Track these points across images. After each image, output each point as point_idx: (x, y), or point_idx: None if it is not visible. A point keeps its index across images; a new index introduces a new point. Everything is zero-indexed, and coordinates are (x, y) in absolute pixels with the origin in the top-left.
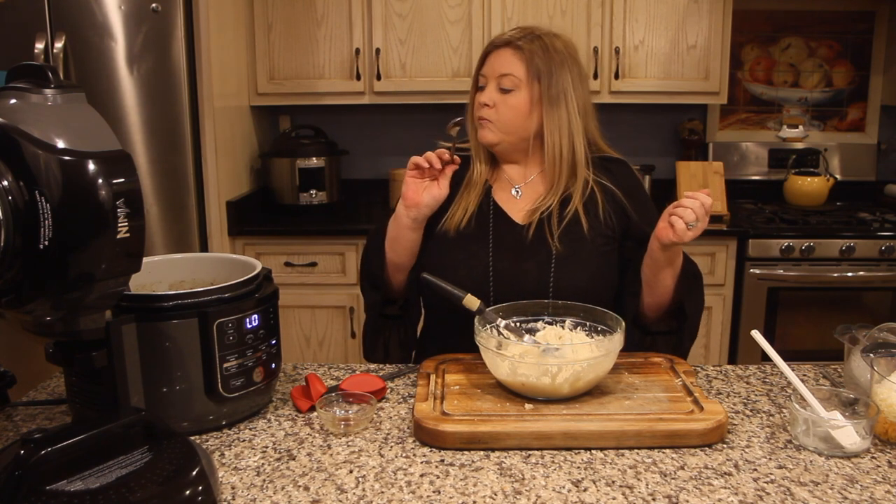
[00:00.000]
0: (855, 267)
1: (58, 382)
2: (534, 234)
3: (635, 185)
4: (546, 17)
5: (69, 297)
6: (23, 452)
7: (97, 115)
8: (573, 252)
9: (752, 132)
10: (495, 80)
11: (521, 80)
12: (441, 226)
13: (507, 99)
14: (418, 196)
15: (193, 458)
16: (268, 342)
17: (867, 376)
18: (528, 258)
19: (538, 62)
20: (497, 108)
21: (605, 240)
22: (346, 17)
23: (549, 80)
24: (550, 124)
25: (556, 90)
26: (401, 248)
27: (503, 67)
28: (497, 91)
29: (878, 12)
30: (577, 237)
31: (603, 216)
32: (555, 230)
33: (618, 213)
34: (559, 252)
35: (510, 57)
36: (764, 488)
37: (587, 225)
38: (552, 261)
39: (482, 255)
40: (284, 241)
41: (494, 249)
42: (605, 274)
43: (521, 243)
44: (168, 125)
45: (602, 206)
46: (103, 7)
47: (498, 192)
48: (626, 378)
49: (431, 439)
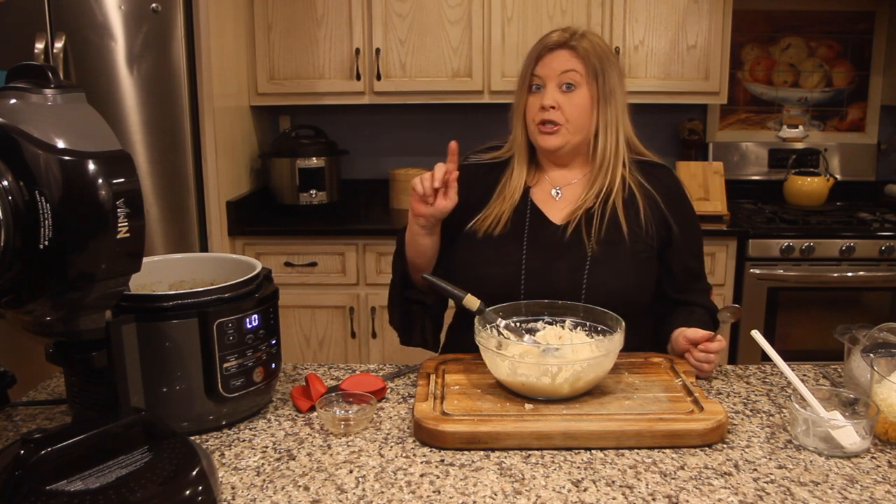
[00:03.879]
0: (855, 267)
1: (58, 382)
2: (571, 235)
3: (676, 193)
4: (546, 17)
5: (69, 297)
6: (23, 452)
7: (97, 115)
8: (609, 255)
9: (752, 132)
10: (556, 80)
11: (583, 77)
12: (471, 227)
13: (571, 98)
14: (423, 207)
15: (193, 458)
16: (268, 342)
17: (867, 376)
18: (561, 258)
19: (593, 60)
20: (562, 108)
21: (644, 246)
22: (346, 17)
23: (603, 77)
24: (604, 121)
25: (609, 87)
26: (414, 252)
27: (564, 65)
28: (559, 91)
29: (878, 12)
30: (615, 241)
31: (644, 223)
32: (594, 232)
33: (658, 222)
34: (595, 254)
35: (569, 56)
36: (764, 488)
37: (627, 229)
38: (587, 262)
39: (515, 253)
40: (284, 241)
41: (528, 248)
42: (640, 280)
43: (556, 243)
44: (168, 125)
45: (644, 211)
46: (103, 7)
47: (537, 193)
48: (626, 378)
49: (431, 439)
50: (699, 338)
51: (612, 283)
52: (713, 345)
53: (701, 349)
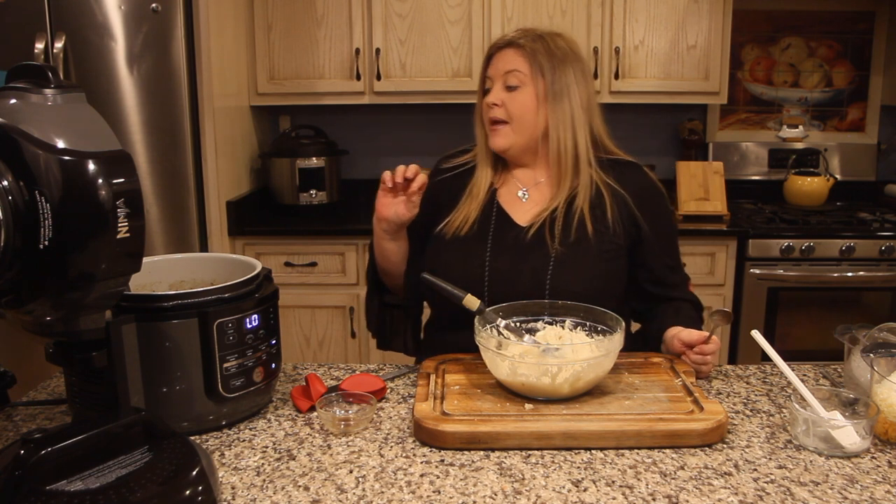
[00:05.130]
0: (855, 267)
1: (58, 382)
2: (534, 236)
3: (648, 190)
4: (546, 17)
5: (69, 297)
6: (23, 452)
7: (97, 115)
8: (574, 256)
9: (752, 132)
10: (501, 79)
11: (526, 76)
12: (440, 229)
13: (514, 96)
14: (384, 210)
15: (193, 458)
16: (268, 342)
17: (867, 376)
18: (525, 259)
19: (541, 59)
20: (506, 106)
21: (611, 246)
22: (346, 17)
23: (552, 76)
24: (554, 120)
25: (560, 86)
26: (381, 256)
27: (507, 65)
28: (504, 90)
29: (878, 12)
30: (580, 241)
31: (612, 222)
32: (557, 232)
33: (627, 221)
34: (558, 255)
35: (513, 55)
36: (764, 488)
37: (592, 229)
38: (550, 263)
39: (480, 255)
40: (284, 241)
41: (493, 249)
42: (607, 280)
43: (520, 244)
44: (168, 125)
45: (611, 210)
46: (103, 7)
47: (504, 195)
48: (626, 378)
49: (431, 439)
50: (694, 340)
51: (576, 283)
52: (708, 346)
53: (696, 352)
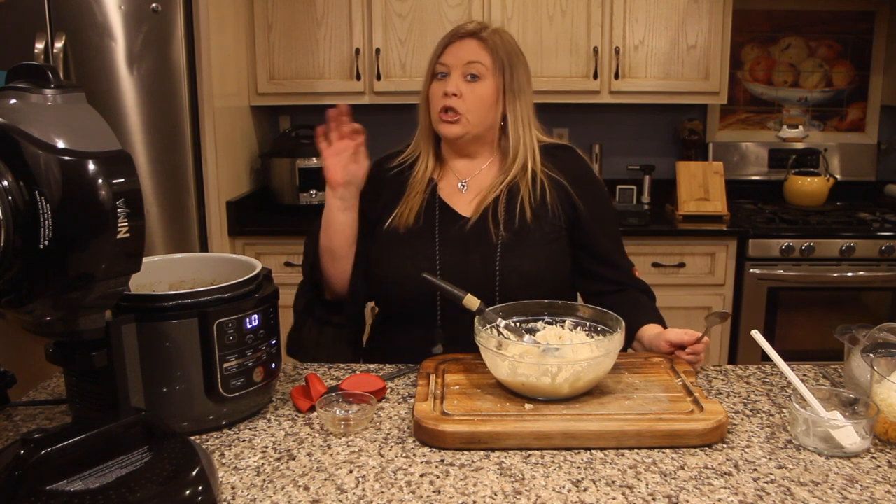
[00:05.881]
0: (855, 267)
1: (58, 382)
2: (478, 226)
3: (583, 173)
4: (546, 17)
5: (69, 297)
6: (23, 452)
7: (97, 115)
8: (519, 241)
9: (752, 132)
10: (461, 69)
11: (488, 70)
12: (387, 225)
13: (474, 88)
14: (338, 175)
15: (193, 458)
16: (268, 342)
17: (867, 376)
18: (473, 250)
19: (501, 55)
20: (464, 97)
21: (552, 227)
22: (345, 18)
23: (511, 72)
24: (514, 116)
25: (518, 83)
26: (333, 233)
27: (469, 55)
28: (463, 80)
29: (878, 12)
30: (522, 226)
31: (551, 205)
32: (500, 220)
33: (565, 203)
34: (504, 241)
35: (476, 46)
36: (764, 488)
37: (533, 214)
38: (497, 250)
39: (428, 251)
40: (284, 241)
41: (440, 243)
42: (553, 261)
43: (465, 235)
44: (168, 125)
45: (550, 194)
46: (103, 7)
47: (444, 188)
48: (626, 378)
49: (431, 439)
50: (686, 341)
51: (524, 265)
52: (700, 346)
53: (689, 352)
